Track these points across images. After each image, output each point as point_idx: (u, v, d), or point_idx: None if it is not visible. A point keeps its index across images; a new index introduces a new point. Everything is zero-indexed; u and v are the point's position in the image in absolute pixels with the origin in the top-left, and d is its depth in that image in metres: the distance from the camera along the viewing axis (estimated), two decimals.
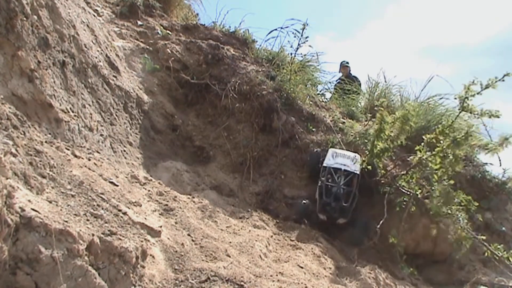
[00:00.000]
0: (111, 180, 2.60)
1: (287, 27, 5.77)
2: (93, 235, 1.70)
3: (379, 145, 4.26)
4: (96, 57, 3.59)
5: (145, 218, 2.42)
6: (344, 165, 4.26)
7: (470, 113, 3.82)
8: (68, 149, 2.57)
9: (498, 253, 3.84)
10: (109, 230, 1.86)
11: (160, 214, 2.81)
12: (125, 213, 2.20)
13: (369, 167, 4.42)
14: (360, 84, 6.97)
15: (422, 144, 4.03)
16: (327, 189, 4.15)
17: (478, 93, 3.78)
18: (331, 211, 4.07)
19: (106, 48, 4.02)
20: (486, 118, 3.76)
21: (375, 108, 4.45)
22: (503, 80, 3.65)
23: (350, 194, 4.16)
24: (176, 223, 2.80)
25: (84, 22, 3.64)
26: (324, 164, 4.30)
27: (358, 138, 4.99)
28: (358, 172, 4.23)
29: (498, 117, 3.71)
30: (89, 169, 2.51)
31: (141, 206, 2.59)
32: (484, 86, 3.72)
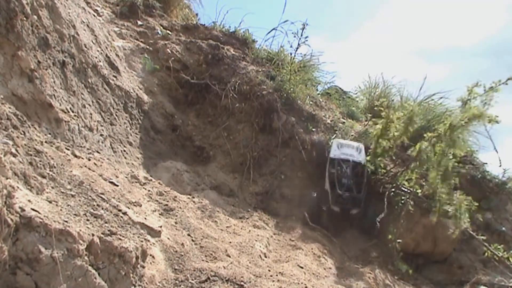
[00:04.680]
0: (111, 180, 2.60)
1: (286, 21, 5.77)
2: (93, 235, 1.70)
3: (383, 144, 4.26)
4: (96, 57, 3.59)
5: (145, 218, 2.42)
6: (351, 155, 4.33)
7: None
8: (68, 149, 2.57)
9: (498, 253, 3.84)
10: (109, 230, 1.86)
11: (160, 214, 2.81)
12: (125, 213, 2.20)
13: (372, 166, 4.42)
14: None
15: (423, 140, 4.04)
16: (339, 181, 4.18)
17: (480, 96, 3.79)
18: (345, 202, 4.11)
19: (106, 48, 4.02)
20: (486, 121, 3.76)
21: (375, 108, 4.45)
22: (506, 84, 3.67)
23: (361, 184, 4.22)
24: (176, 223, 2.80)
25: (84, 22, 3.64)
26: (331, 156, 4.33)
27: (357, 138, 4.99)
28: (364, 162, 4.30)
29: (497, 122, 3.73)
30: (89, 169, 2.51)
31: (141, 206, 2.59)
32: (487, 89, 3.73)
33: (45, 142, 2.35)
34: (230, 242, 2.93)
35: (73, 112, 2.96)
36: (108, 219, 1.98)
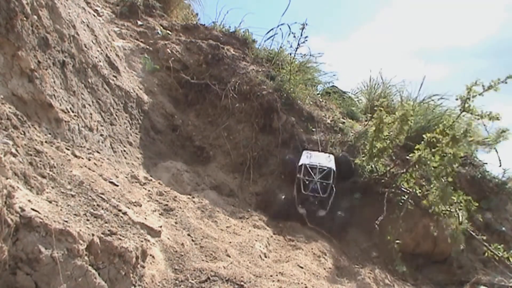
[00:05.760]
0: (111, 180, 2.60)
1: (283, 24, 5.79)
2: (93, 235, 1.70)
3: (377, 145, 4.26)
4: (96, 57, 3.59)
5: (145, 218, 2.42)
6: (319, 163, 4.38)
7: (471, 114, 3.81)
8: (68, 149, 2.57)
9: (498, 253, 3.84)
10: (109, 230, 1.86)
11: (160, 214, 2.81)
12: (125, 213, 2.20)
13: (368, 167, 4.42)
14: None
15: (422, 142, 4.03)
16: (305, 184, 4.25)
17: (479, 94, 3.78)
18: (310, 205, 4.18)
19: (106, 48, 4.02)
20: (486, 120, 3.75)
21: (375, 108, 4.45)
22: (506, 82, 3.65)
23: (327, 187, 4.27)
24: (176, 223, 2.80)
25: (84, 22, 3.64)
26: (300, 163, 4.38)
27: (358, 138, 4.99)
28: (333, 168, 4.34)
29: (498, 119, 3.70)
30: (89, 169, 2.51)
31: (141, 206, 2.59)
32: (486, 88, 3.72)
33: (45, 142, 2.35)
34: (230, 242, 2.93)
35: (73, 112, 2.96)
36: (108, 219, 1.99)
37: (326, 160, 4.44)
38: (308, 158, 4.43)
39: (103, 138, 3.32)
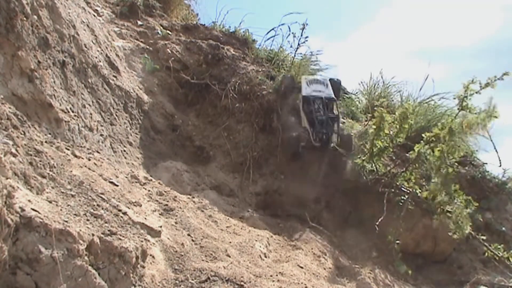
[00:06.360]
0: (111, 180, 2.60)
1: (283, 24, 5.78)
2: (93, 235, 1.70)
3: (378, 144, 4.26)
4: (96, 57, 3.59)
5: (145, 218, 2.42)
6: (320, 91, 4.55)
7: (469, 112, 3.82)
8: (68, 149, 2.57)
9: (498, 253, 3.85)
10: (109, 230, 1.86)
11: (160, 214, 2.81)
12: (125, 213, 2.20)
13: (368, 166, 4.42)
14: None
15: (422, 141, 4.04)
16: (317, 118, 4.42)
17: (477, 92, 3.79)
18: (325, 137, 4.41)
19: (106, 48, 4.02)
20: (484, 117, 3.75)
21: (375, 108, 4.45)
22: (502, 79, 3.65)
23: (336, 119, 4.49)
24: (176, 223, 2.80)
25: (84, 22, 3.64)
26: (304, 94, 4.52)
27: (358, 138, 4.99)
28: (333, 97, 4.57)
29: (497, 117, 3.71)
30: (89, 169, 2.51)
31: (141, 206, 2.59)
32: (483, 85, 3.73)
33: (45, 142, 2.35)
34: (230, 242, 2.93)
35: (73, 112, 2.96)
36: (108, 219, 1.99)
37: (325, 87, 4.62)
38: (309, 85, 4.59)
39: (103, 138, 3.32)
